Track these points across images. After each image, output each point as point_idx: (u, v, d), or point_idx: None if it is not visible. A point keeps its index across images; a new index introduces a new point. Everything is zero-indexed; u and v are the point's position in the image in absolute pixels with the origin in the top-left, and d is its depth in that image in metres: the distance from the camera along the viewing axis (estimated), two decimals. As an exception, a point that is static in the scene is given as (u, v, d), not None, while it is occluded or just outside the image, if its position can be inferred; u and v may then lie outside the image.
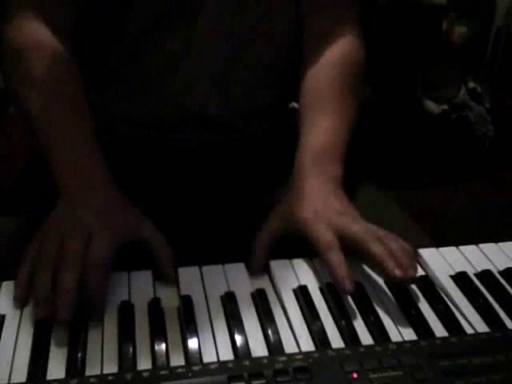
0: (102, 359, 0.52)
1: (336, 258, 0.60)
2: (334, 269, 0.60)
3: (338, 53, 0.80)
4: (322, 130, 0.74)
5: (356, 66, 0.82)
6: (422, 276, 0.63)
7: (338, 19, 0.82)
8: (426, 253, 0.67)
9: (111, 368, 0.51)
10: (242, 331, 0.55)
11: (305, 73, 0.81)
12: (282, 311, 0.58)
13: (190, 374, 0.49)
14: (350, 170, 0.73)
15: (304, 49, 0.84)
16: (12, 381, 0.50)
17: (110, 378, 0.49)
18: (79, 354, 0.52)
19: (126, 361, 0.52)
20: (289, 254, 0.66)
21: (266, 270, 0.64)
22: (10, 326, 0.56)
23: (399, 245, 0.62)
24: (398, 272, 0.59)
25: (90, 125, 0.71)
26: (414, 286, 0.62)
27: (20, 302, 0.58)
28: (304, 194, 0.68)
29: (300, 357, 0.51)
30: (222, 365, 0.50)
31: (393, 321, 0.58)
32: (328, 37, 0.81)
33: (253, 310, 0.58)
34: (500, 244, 0.69)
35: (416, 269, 0.62)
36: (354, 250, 0.63)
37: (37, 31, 0.73)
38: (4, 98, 1.34)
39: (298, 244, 0.66)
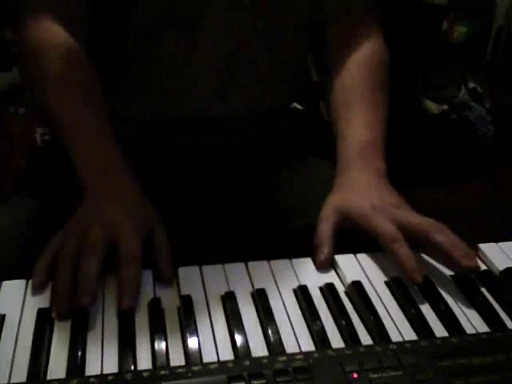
0: (102, 359, 0.52)
1: (403, 250, 0.62)
2: (402, 261, 0.61)
3: (366, 53, 0.83)
4: (361, 125, 0.77)
5: (384, 64, 0.84)
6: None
7: (364, 21, 0.85)
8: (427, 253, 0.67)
9: (111, 368, 0.51)
10: (242, 331, 0.55)
11: (335, 73, 0.83)
12: (282, 311, 0.58)
13: (190, 374, 0.49)
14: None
15: (331, 52, 0.86)
16: (12, 381, 0.50)
17: (110, 377, 0.49)
18: (79, 354, 0.52)
19: (126, 361, 0.52)
20: (289, 254, 0.66)
21: (267, 270, 0.64)
22: (9, 325, 0.55)
23: (456, 236, 0.64)
24: (466, 261, 0.62)
25: (108, 121, 0.72)
26: (414, 286, 0.62)
27: (37, 288, 0.59)
28: (357, 188, 0.70)
29: (300, 357, 0.51)
30: (221, 365, 0.50)
31: (393, 321, 0.58)
32: (355, 38, 0.84)
33: (253, 309, 0.58)
34: (500, 244, 0.69)
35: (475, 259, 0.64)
36: (414, 241, 0.64)
37: (51, 31, 0.74)
38: (4, 98, 1.34)
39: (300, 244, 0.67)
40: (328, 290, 0.61)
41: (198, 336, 0.54)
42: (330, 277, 0.63)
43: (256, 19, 0.82)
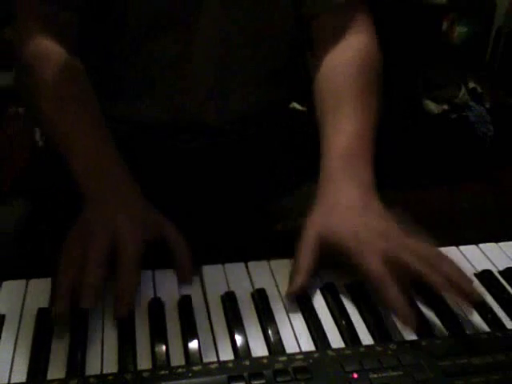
0: (102, 359, 0.52)
1: (392, 293, 0.57)
2: (393, 306, 0.57)
3: (355, 50, 0.79)
4: (347, 132, 0.71)
5: (375, 62, 0.80)
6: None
7: (352, 16, 0.80)
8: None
9: (111, 368, 0.51)
10: (242, 331, 0.55)
11: (322, 73, 0.79)
12: (282, 311, 0.58)
13: (190, 374, 0.49)
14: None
15: (317, 49, 0.82)
16: (12, 381, 0.50)
17: (110, 378, 0.49)
18: (79, 354, 0.52)
19: (126, 361, 0.52)
20: (289, 254, 0.66)
21: (267, 270, 0.64)
22: (10, 326, 0.56)
23: (454, 267, 0.59)
24: (460, 300, 0.58)
25: (106, 128, 0.71)
26: (413, 286, 0.62)
27: (63, 317, 0.56)
28: (340, 210, 0.65)
29: (300, 357, 0.51)
30: (221, 365, 0.50)
31: (393, 321, 0.58)
32: (344, 35, 0.79)
33: (253, 310, 0.58)
34: (500, 244, 0.69)
35: (477, 291, 0.58)
36: (403, 276, 0.59)
37: (44, 42, 0.74)
38: (4, 98, 1.34)
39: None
40: (328, 290, 0.61)
41: (197, 336, 0.54)
42: (330, 277, 0.63)
43: (252, 19, 0.81)
